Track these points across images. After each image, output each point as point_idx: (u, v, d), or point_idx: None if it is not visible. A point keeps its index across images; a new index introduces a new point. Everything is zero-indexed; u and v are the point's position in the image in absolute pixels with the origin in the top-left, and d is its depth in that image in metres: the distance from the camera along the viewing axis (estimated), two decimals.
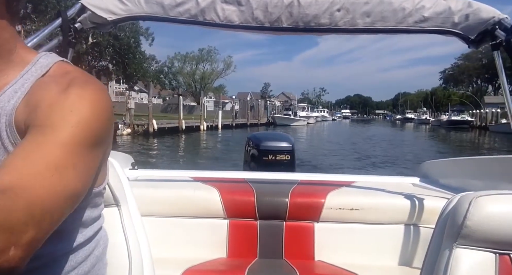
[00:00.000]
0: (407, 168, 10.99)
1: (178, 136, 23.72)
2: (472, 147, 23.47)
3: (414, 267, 1.51)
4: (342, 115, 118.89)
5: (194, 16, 1.54)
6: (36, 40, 1.39)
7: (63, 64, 0.69)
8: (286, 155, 3.56)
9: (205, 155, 16.02)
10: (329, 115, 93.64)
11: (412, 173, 2.21)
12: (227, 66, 63.70)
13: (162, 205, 1.59)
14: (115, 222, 0.96)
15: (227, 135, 26.89)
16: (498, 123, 38.01)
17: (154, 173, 2.03)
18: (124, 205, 0.99)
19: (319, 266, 1.57)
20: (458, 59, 79.40)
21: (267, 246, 1.60)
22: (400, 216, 1.57)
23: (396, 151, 17.81)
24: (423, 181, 2.01)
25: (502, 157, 1.62)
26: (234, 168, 6.50)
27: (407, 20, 1.52)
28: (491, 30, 1.49)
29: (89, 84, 0.63)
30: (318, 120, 66.98)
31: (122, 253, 0.93)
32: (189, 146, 20.69)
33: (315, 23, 1.54)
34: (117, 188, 0.97)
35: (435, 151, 19.04)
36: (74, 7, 1.53)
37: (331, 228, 1.60)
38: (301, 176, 2.07)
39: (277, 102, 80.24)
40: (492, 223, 0.81)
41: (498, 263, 0.82)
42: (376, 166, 12.27)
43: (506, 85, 1.56)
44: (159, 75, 38.48)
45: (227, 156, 13.84)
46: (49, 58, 0.69)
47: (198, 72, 62.14)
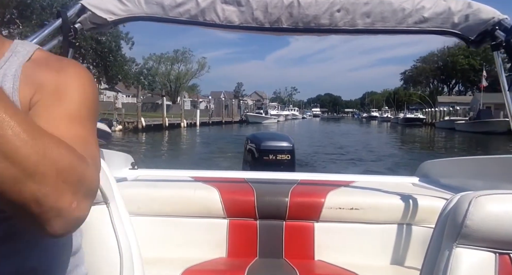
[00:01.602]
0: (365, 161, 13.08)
1: (163, 132, 26.90)
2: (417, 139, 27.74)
3: (414, 267, 1.49)
4: (312, 114, 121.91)
5: (194, 16, 1.54)
6: (36, 40, 1.38)
7: (41, 51, 0.74)
8: (286, 155, 3.60)
9: (187, 146, 19.65)
10: (299, 114, 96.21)
11: (409, 173, 2.24)
12: (201, 66, 66.55)
13: (162, 204, 1.58)
14: (104, 219, 0.96)
15: (205, 131, 30.36)
16: (442, 120, 42.49)
17: (154, 173, 2.02)
18: (113, 203, 0.99)
19: (319, 265, 1.56)
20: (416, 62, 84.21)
21: (267, 245, 1.60)
22: (400, 216, 1.56)
23: (358, 144, 20.70)
24: (423, 181, 2.01)
25: (502, 157, 1.62)
26: (234, 168, 6.81)
27: (407, 21, 1.52)
28: (491, 31, 1.48)
29: (76, 64, 0.72)
30: (288, 118, 70.13)
31: (112, 249, 0.94)
32: (174, 138, 24.17)
33: (315, 23, 1.54)
34: (105, 187, 0.97)
35: (393, 143, 23.20)
36: (74, 7, 1.53)
37: (331, 227, 1.60)
38: (301, 176, 2.06)
39: (249, 101, 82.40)
40: (492, 222, 0.80)
41: (498, 263, 0.82)
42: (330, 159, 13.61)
43: (506, 86, 1.53)
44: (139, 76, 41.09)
45: (205, 148, 17.26)
46: (27, 46, 0.73)
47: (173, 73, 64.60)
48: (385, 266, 1.57)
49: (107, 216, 0.96)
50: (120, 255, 0.94)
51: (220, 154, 12.60)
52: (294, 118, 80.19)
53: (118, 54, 36.36)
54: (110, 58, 34.58)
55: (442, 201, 1.32)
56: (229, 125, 41.12)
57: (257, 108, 61.73)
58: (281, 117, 60.48)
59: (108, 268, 0.94)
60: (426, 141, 26.47)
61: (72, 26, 1.51)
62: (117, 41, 36.58)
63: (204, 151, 15.87)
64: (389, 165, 11.93)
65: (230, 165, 9.35)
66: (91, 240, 0.91)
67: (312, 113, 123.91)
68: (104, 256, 0.93)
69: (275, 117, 54.84)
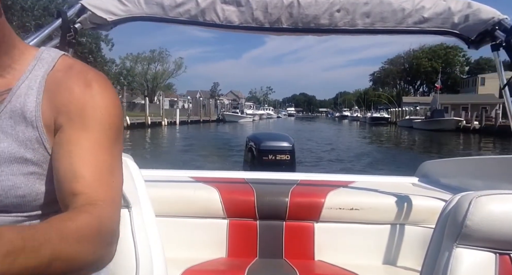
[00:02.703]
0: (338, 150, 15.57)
1: (146, 130, 28.91)
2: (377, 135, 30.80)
3: (414, 267, 1.50)
4: (287, 113, 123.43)
5: (194, 16, 1.54)
6: (36, 40, 1.38)
7: (66, 58, 0.73)
8: (286, 155, 3.59)
9: (170, 141, 21.98)
10: (274, 113, 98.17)
11: (408, 173, 2.26)
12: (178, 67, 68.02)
13: (162, 205, 1.55)
14: (123, 224, 0.86)
15: (184, 129, 32.49)
16: (403, 119, 46.22)
17: (154, 173, 2.01)
18: (136, 206, 0.95)
19: (319, 266, 1.57)
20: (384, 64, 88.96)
21: (267, 246, 1.60)
22: (400, 216, 1.57)
23: (326, 139, 23.25)
24: (423, 181, 2.02)
25: (502, 157, 1.63)
26: (234, 168, 6.76)
27: (406, 21, 1.52)
28: (491, 31, 1.48)
29: (100, 78, 0.70)
30: (263, 118, 72.59)
31: (129, 257, 0.90)
32: (156, 135, 26.34)
33: (315, 23, 1.54)
34: (129, 189, 0.94)
35: (359, 137, 26.10)
36: (74, 7, 1.52)
37: (331, 228, 1.61)
38: (301, 176, 2.08)
39: (225, 100, 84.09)
40: (492, 223, 0.80)
41: (498, 263, 0.82)
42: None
43: (507, 89, 1.52)
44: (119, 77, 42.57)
45: (186, 142, 19.70)
46: (52, 53, 0.71)
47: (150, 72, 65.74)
48: (385, 266, 1.58)
49: (127, 221, 0.93)
50: (137, 264, 0.90)
51: (221, 155, 13.34)
52: (269, 117, 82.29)
53: (98, 55, 37.74)
54: (90, 59, 35.88)
55: (442, 201, 1.35)
56: (207, 124, 43.23)
57: (233, 108, 63.71)
58: (256, 116, 62.87)
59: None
60: (384, 136, 29.72)
61: (72, 26, 1.51)
62: (97, 42, 37.94)
63: (184, 143, 18.65)
64: (352, 156, 14.41)
65: (229, 165, 9.49)
66: None
67: (287, 113, 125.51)
68: (121, 264, 0.87)
69: (250, 116, 57.17)
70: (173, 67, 66.98)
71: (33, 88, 0.67)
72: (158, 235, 1.02)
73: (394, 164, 12.20)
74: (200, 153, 13.91)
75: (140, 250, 0.91)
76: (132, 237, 0.92)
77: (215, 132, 26.54)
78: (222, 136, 24.81)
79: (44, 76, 0.68)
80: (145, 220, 0.97)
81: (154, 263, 0.95)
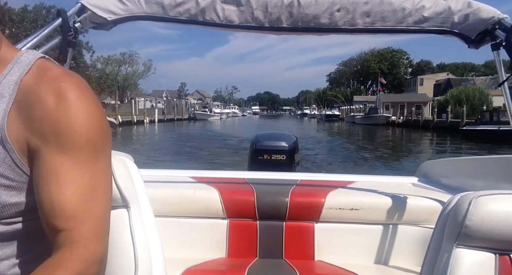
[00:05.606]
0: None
1: (133, 126, 34.78)
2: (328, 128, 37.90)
3: (414, 267, 1.50)
4: (252, 111, 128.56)
5: (194, 16, 1.54)
6: (35, 41, 1.36)
7: (43, 61, 0.68)
8: (282, 155, 3.65)
9: (155, 136, 27.79)
10: (239, 112, 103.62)
11: (407, 173, 2.30)
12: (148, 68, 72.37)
13: (162, 205, 1.56)
14: (123, 224, 0.90)
15: (162, 126, 38.53)
16: (347, 116, 55.16)
17: (154, 173, 2.00)
18: (135, 206, 0.94)
19: (319, 266, 1.57)
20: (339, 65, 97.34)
21: (267, 246, 1.60)
22: (400, 216, 1.57)
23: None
24: (423, 181, 2.02)
25: (502, 157, 1.63)
26: (234, 168, 6.84)
27: (407, 20, 1.52)
28: (491, 30, 1.48)
29: (76, 85, 0.64)
30: (229, 116, 78.41)
31: (128, 257, 0.88)
32: (144, 130, 32.30)
33: (315, 23, 1.54)
34: (128, 189, 0.91)
35: (315, 131, 33.29)
36: (74, 6, 1.52)
37: (331, 228, 1.61)
38: (301, 176, 2.08)
39: (191, 99, 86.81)
40: (492, 223, 0.80)
41: (498, 263, 0.82)
42: None
43: (507, 86, 1.53)
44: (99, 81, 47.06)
45: (168, 134, 25.65)
46: (30, 56, 0.67)
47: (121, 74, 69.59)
48: (384, 266, 1.58)
49: (126, 221, 0.90)
50: (136, 264, 0.87)
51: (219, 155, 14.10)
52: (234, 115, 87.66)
53: (80, 61, 41.93)
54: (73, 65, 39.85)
55: (442, 201, 1.37)
56: (180, 122, 48.83)
57: (203, 107, 70.28)
58: (223, 115, 68.80)
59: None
60: (334, 130, 37.06)
61: (72, 25, 1.51)
62: (78, 48, 42.05)
63: (171, 136, 24.50)
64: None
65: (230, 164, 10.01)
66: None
67: (252, 111, 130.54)
68: (119, 264, 0.86)
69: (218, 114, 62.92)
70: (142, 69, 71.28)
71: (5, 95, 0.62)
72: (158, 235, 1.01)
73: (339, 147, 18.42)
74: (201, 153, 14.75)
75: (139, 250, 0.89)
76: (131, 237, 0.90)
77: (200, 130, 32.54)
78: (206, 133, 29.47)
79: (18, 82, 0.63)
80: (144, 220, 0.96)
81: (153, 263, 0.94)
